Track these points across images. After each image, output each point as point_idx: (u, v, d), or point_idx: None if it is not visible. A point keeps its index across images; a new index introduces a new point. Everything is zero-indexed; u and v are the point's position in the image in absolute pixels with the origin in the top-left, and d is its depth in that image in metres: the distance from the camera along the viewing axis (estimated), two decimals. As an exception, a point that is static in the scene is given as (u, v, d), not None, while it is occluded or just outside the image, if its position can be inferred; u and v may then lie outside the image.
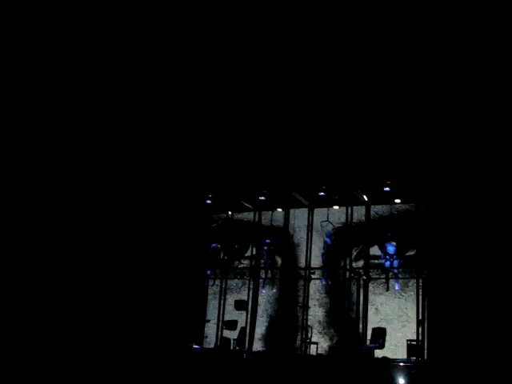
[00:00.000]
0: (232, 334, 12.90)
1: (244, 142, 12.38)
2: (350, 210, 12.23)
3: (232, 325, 13.06)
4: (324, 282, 12.69)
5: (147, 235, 12.52)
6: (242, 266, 13.93)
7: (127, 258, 12.04)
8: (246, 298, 13.08)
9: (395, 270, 11.85)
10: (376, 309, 12.24)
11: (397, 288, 11.87)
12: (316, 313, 12.88)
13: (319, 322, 12.79)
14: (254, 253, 13.45)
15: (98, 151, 11.86)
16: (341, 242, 12.52)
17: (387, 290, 12.06)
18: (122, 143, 12.14)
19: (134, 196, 12.40)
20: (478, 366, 9.10)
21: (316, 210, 12.98)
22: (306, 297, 12.35)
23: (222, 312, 13.15)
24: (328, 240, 12.57)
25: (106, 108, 11.85)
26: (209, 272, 13.97)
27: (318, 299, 12.97)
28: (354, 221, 12.30)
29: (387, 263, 11.84)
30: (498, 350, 9.12)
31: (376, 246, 12.35)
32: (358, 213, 12.49)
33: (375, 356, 11.20)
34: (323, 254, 12.54)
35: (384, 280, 12.11)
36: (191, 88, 12.05)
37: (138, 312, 11.94)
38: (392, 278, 11.95)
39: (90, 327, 10.93)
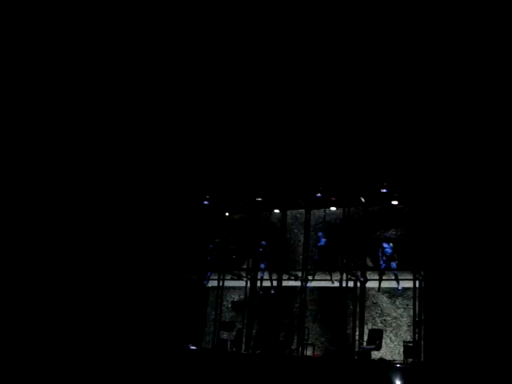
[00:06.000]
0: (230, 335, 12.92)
1: (242, 143, 12.40)
2: (346, 212, 12.19)
3: (229, 326, 13.06)
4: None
5: (146, 236, 12.53)
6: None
7: (126, 260, 12.05)
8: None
9: (394, 272, 11.76)
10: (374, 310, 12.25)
11: (400, 289, 11.71)
12: (312, 314, 12.88)
13: (315, 324, 12.78)
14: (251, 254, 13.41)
15: (96, 152, 11.89)
16: (338, 242, 12.46)
17: (378, 290, 12.02)
18: (120, 144, 12.17)
19: (132, 197, 12.41)
20: (475, 368, 9.09)
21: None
22: (304, 298, 12.30)
23: (219, 313, 13.13)
24: (323, 241, 12.52)
25: (105, 108, 11.88)
26: (209, 273, 13.94)
27: (313, 301, 12.97)
28: (351, 222, 12.25)
29: (384, 264, 11.78)
30: (494, 351, 9.10)
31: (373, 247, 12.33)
32: (355, 214, 12.49)
33: (372, 357, 11.20)
34: (315, 255, 12.52)
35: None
36: (189, 90, 12.08)
37: (137, 313, 11.95)
38: (390, 280, 11.88)
39: (88, 327, 10.96)
